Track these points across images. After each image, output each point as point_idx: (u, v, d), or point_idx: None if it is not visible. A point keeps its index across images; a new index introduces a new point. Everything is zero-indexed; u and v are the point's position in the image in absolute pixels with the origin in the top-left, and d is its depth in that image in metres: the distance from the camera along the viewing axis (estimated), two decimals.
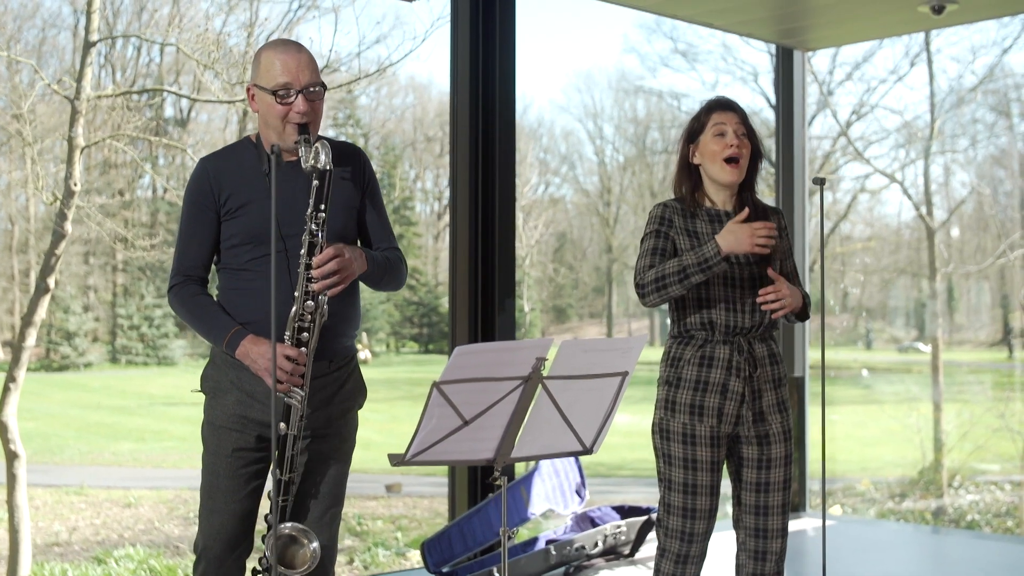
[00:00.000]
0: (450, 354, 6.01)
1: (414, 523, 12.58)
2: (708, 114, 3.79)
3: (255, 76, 3.38)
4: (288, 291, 3.28)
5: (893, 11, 6.96)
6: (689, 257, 3.58)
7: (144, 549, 10.66)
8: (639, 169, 30.09)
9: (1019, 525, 13.54)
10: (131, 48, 19.55)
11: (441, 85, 30.76)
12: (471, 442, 2.92)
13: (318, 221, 3.21)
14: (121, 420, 18.21)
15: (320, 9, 17.20)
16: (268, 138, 3.38)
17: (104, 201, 14.37)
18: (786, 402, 3.79)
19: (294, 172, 3.35)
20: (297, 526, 3.25)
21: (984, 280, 24.34)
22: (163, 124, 18.60)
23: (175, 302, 3.43)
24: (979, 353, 25.35)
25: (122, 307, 22.54)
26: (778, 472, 3.75)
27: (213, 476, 3.38)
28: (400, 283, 3.59)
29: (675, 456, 3.70)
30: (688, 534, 3.72)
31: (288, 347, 3.22)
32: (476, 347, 2.83)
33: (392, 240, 3.57)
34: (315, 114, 3.36)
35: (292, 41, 3.41)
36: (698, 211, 3.77)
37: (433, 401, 2.80)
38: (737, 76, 31.51)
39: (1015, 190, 22.53)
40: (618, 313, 30.71)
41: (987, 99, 21.69)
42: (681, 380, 3.70)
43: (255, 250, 3.34)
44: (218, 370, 3.40)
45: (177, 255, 3.43)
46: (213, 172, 3.39)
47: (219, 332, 3.32)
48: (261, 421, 3.33)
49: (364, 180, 3.52)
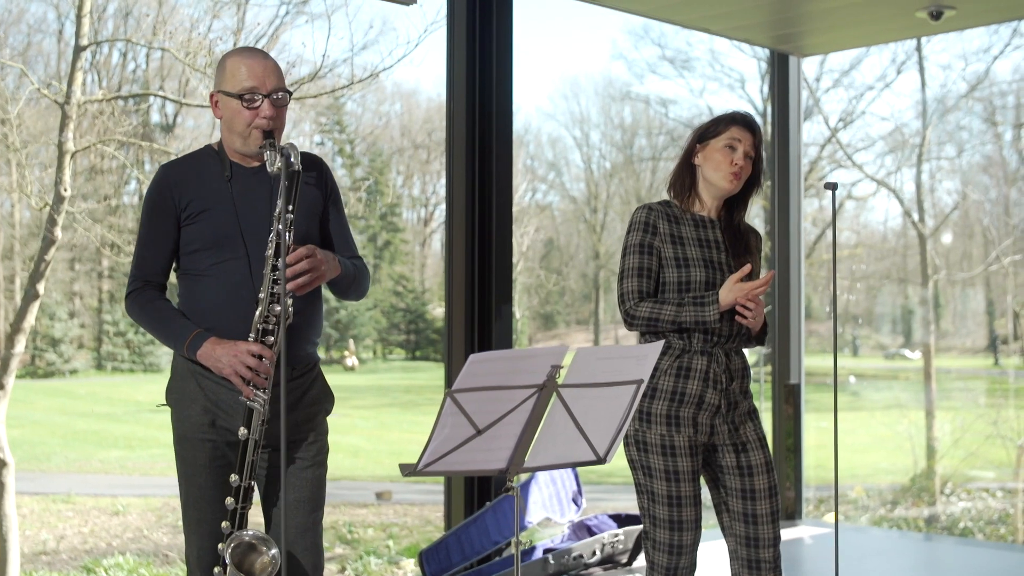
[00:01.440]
0: (446, 361, 5.99)
1: (405, 531, 12.53)
2: (728, 125, 3.79)
3: (219, 82, 3.35)
4: (251, 296, 3.25)
5: (891, 17, 6.95)
6: (688, 312, 3.60)
7: (133, 558, 10.59)
8: (626, 176, 30.08)
9: (1012, 532, 13.55)
10: (116, 54, 19.48)
11: (428, 91, 30.75)
12: (484, 452, 2.86)
13: (285, 222, 3.17)
14: (108, 427, 18.12)
15: (308, 15, 17.13)
16: (232, 144, 3.36)
17: (92, 207, 14.27)
18: (755, 410, 3.81)
19: (257, 179, 3.35)
20: (258, 534, 3.18)
21: (970, 287, 24.41)
22: (149, 130, 18.52)
23: (133, 308, 3.39)
24: (965, 360, 25.41)
25: (108, 313, 22.44)
26: (762, 479, 3.73)
27: (195, 488, 3.33)
28: (363, 293, 3.56)
29: (655, 468, 3.67)
30: (677, 546, 3.69)
31: (254, 344, 3.19)
32: (490, 355, 2.77)
33: (354, 249, 3.56)
34: (280, 121, 3.34)
35: (257, 48, 3.41)
36: (685, 215, 3.77)
37: (446, 410, 2.74)
38: (724, 83, 31.52)
39: (1000, 197, 22.60)
40: (605, 320, 30.68)
41: (975, 107, 21.76)
42: (657, 391, 3.68)
43: (217, 255, 3.31)
44: (181, 381, 3.35)
45: (135, 261, 3.40)
46: (174, 178, 3.36)
47: (179, 336, 3.28)
48: (230, 427, 3.29)
49: (327, 188, 3.50)
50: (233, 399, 3.26)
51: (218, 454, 3.31)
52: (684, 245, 3.71)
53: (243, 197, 3.32)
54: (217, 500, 3.29)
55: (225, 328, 3.26)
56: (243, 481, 3.21)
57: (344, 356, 26.68)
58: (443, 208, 28.30)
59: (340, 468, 16.11)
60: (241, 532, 3.17)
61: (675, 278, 3.68)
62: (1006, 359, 25.63)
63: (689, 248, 3.71)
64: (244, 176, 3.36)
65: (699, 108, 29.65)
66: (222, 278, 3.30)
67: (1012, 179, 22.38)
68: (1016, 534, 13.50)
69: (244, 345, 3.19)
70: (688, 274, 3.68)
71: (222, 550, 3.17)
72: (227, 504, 3.22)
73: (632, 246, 3.74)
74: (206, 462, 3.30)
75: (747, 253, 3.80)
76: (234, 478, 3.21)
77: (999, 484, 15.61)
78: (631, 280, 3.71)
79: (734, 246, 3.78)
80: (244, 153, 3.35)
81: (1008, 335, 26.39)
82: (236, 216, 3.30)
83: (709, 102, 29.20)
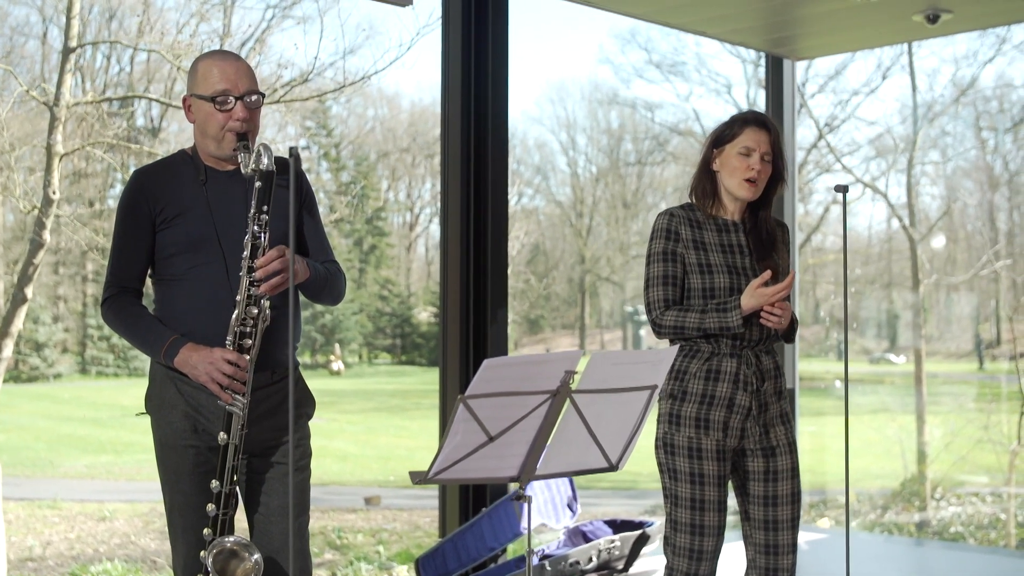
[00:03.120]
0: (441, 365, 5.93)
1: (395, 536, 12.46)
2: (741, 128, 3.73)
3: (191, 86, 3.33)
4: (228, 299, 3.22)
5: (887, 21, 6.93)
6: (711, 319, 3.56)
7: (121, 564, 10.50)
8: (612, 180, 30.07)
9: (1003, 537, 13.55)
10: (100, 56, 19.36)
11: (411, 95, 30.65)
12: (495, 459, 2.81)
13: (260, 223, 3.16)
14: (93, 432, 18.00)
15: (295, 18, 17.04)
16: (205, 148, 3.33)
17: (81, 211, 14.20)
18: (788, 414, 3.76)
19: (232, 181, 3.33)
20: (240, 540, 3.15)
21: (954, 292, 24.47)
22: (136, 133, 18.42)
23: (108, 315, 3.36)
24: (950, 364, 25.46)
25: (92, 317, 22.30)
26: (786, 485, 3.69)
27: (179, 494, 3.30)
28: (338, 297, 3.53)
29: (681, 471, 3.63)
30: (697, 552, 3.64)
31: (229, 352, 3.16)
32: (505, 360, 2.73)
33: (330, 253, 3.53)
34: (254, 123, 3.32)
35: (229, 51, 3.39)
36: (707, 219, 3.72)
37: (459, 416, 2.69)
38: (711, 88, 31.55)
39: (984, 202, 22.66)
40: (591, 324, 30.66)
41: (961, 112, 21.82)
42: (687, 394, 3.63)
43: (193, 259, 3.29)
44: (160, 388, 3.32)
45: (110, 267, 3.37)
46: (148, 183, 3.34)
47: (156, 342, 3.25)
48: (211, 432, 3.25)
49: (301, 192, 3.47)
50: (214, 403, 3.23)
51: (201, 460, 3.27)
52: (707, 251, 3.66)
53: (218, 200, 3.31)
54: (202, 506, 3.25)
55: (202, 332, 3.24)
56: (224, 487, 3.18)
57: (330, 360, 26.58)
58: (428, 212, 28.11)
59: (328, 473, 16.03)
60: (223, 539, 3.13)
61: (699, 284, 3.64)
62: (991, 363, 25.70)
63: (712, 254, 3.66)
64: (219, 180, 3.35)
65: (686, 112, 29.70)
66: (198, 282, 3.28)
67: (996, 184, 22.44)
68: (1008, 539, 13.51)
69: (220, 352, 3.16)
70: (712, 280, 3.63)
71: (204, 557, 3.13)
72: (208, 510, 3.19)
73: (655, 254, 3.70)
74: (189, 468, 3.28)
75: (772, 254, 3.74)
76: (215, 484, 3.18)
77: (992, 488, 15.62)
78: (656, 289, 3.67)
79: (758, 249, 3.73)
80: (218, 156, 3.33)
81: (992, 340, 26.47)
82: (212, 219, 3.29)
83: (696, 106, 29.22)
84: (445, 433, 2.72)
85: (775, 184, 3.76)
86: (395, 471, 16.61)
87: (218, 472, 3.18)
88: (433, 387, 24.96)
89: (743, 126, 3.73)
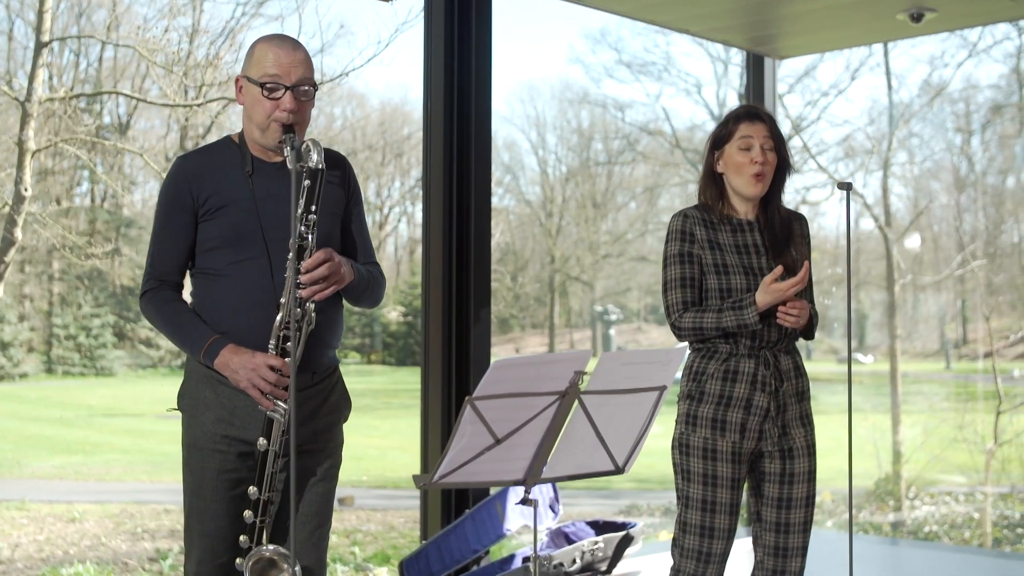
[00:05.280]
0: (423, 365, 5.86)
1: (369, 537, 12.38)
2: (736, 123, 3.68)
3: (245, 67, 3.18)
4: (269, 298, 3.09)
5: (871, 19, 6.90)
6: (728, 318, 3.50)
7: (93, 566, 10.37)
8: (582, 180, 30.05)
9: (977, 537, 13.60)
10: (68, 52, 19.16)
11: (382, 94, 30.54)
12: (501, 462, 2.74)
13: (308, 223, 3.02)
14: (60, 432, 17.79)
15: (264, 17, 16.91)
16: (251, 135, 3.19)
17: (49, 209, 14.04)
18: (810, 415, 3.69)
19: (279, 174, 3.17)
20: (279, 549, 3.04)
21: (921, 292, 24.61)
22: (102, 131, 18.23)
23: (148, 309, 3.21)
24: (916, 364, 25.63)
25: (58, 316, 22.06)
26: (801, 488, 3.64)
27: (199, 499, 3.17)
28: (378, 300, 3.41)
29: (694, 472, 3.57)
30: (705, 554, 3.57)
31: (272, 356, 3.04)
32: (514, 360, 2.65)
33: (372, 255, 3.41)
34: (302, 116, 3.17)
35: (289, 36, 3.22)
36: (721, 221, 3.67)
37: (465, 418, 2.62)
38: (681, 88, 31.64)
39: (953, 203, 22.79)
40: (560, 324, 30.64)
41: (928, 114, 21.93)
42: (704, 394, 3.57)
43: (235, 254, 3.14)
44: (195, 386, 3.19)
45: (150, 259, 3.22)
46: (192, 171, 3.18)
47: (196, 341, 3.12)
48: (243, 438, 3.13)
49: (349, 189, 3.34)
50: (250, 408, 3.11)
51: (228, 466, 3.15)
52: (723, 251, 3.61)
53: (264, 194, 3.16)
54: (221, 513, 3.15)
55: (243, 332, 3.11)
56: (262, 494, 3.06)
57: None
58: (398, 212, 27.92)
59: None
60: (261, 548, 3.03)
61: (716, 285, 3.59)
62: (957, 363, 25.89)
63: (728, 255, 3.60)
64: (265, 171, 3.20)
65: (656, 112, 29.75)
66: (240, 278, 3.14)
67: (962, 185, 22.59)
68: (984, 538, 13.56)
69: (262, 357, 3.04)
70: (728, 281, 3.58)
71: (240, 565, 3.04)
72: (246, 517, 3.07)
73: (672, 256, 3.64)
74: (214, 473, 3.15)
75: (789, 250, 3.68)
76: (253, 490, 3.06)
77: (964, 488, 15.69)
78: (674, 292, 3.61)
79: (774, 247, 3.67)
80: (264, 146, 3.18)
81: (959, 339, 26.67)
82: (257, 214, 3.14)
83: (666, 106, 29.27)
84: (451, 435, 2.64)
85: (781, 174, 3.71)
86: (367, 471, 16.51)
87: (256, 478, 3.07)
88: (403, 387, 24.91)
89: (737, 122, 3.68)
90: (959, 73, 25.39)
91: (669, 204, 28.98)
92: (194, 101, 10.25)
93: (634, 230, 29.61)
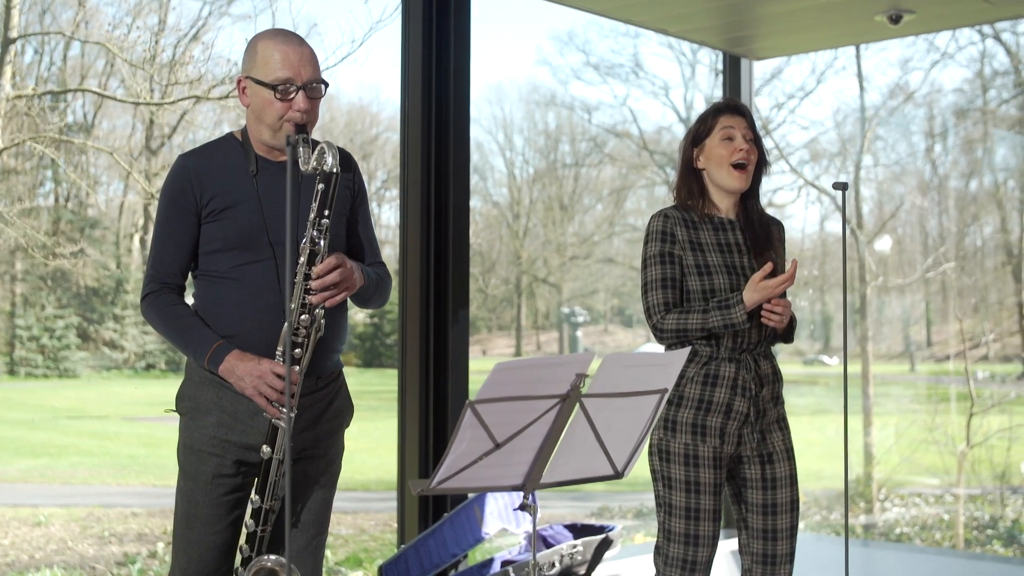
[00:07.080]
0: (400, 366, 5.80)
1: (340, 540, 12.26)
2: (716, 117, 3.63)
3: (249, 67, 3.07)
4: (275, 302, 3.01)
5: (850, 20, 6.89)
6: (715, 318, 3.43)
7: (60, 570, 10.22)
8: (549, 182, 30.06)
9: (948, 538, 13.66)
10: (30, 51, 18.96)
11: (350, 95, 30.39)
12: (500, 467, 2.68)
13: (320, 228, 2.94)
14: (24, 434, 17.56)
15: (232, 16, 16.78)
16: (259, 136, 3.09)
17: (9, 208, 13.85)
18: (785, 419, 3.65)
19: (283, 173, 3.08)
20: (280, 560, 2.96)
21: (886, 294, 24.74)
22: (67, 129, 18.05)
23: (150, 312, 3.11)
24: (881, 366, 25.77)
25: (21, 318, 21.82)
26: (784, 492, 3.59)
27: (191, 504, 3.09)
28: (386, 301, 3.34)
29: (676, 479, 3.51)
30: (691, 563, 3.52)
31: (278, 364, 2.95)
32: (516, 363, 2.58)
33: (378, 254, 3.33)
34: (313, 114, 3.08)
35: (293, 33, 3.12)
36: (701, 219, 3.61)
37: (466, 422, 2.55)
38: (648, 90, 31.70)
39: (914, 207, 22.93)
40: (527, 325, 30.63)
41: (892, 118, 22.06)
42: (683, 399, 3.51)
43: (239, 256, 3.06)
44: (196, 388, 3.10)
45: (151, 260, 3.12)
46: (195, 170, 3.09)
47: (200, 346, 3.03)
48: (243, 444, 3.05)
49: (355, 188, 3.27)
50: (252, 413, 3.04)
51: (223, 471, 3.07)
52: (704, 251, 3.54)
53: (269, 194, 3.07)
54: (211, 520, 3.07)
55: (248, 337, 3.03)
56: (265, 503, 2.98)
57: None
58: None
59: None
60: (262, 557, 2.96)
61: (698, 286, 3.51)
62: (921, 364, 26.06)
63: (710, 254, 3.54)
64: (270, 171, 3.11)
65: (623, 114, 29.77)
66: (245, 282, 3.06)
67: (926, 188, 22.73)
68: (956, 539, 13.62)
69: (268, 365, 2.96)
70: (711, 281, 3.51)
71: (241, 574, 2.96)
72: (247, 525, 3.00)
73: (652, 257, 3.56)
74: (207, 479, 3.07)
75: (769, 249, 3.64)
76: (255, 498, 2.99)
77: (935, 490, 15.75)
78: (655, 293, 3.53)
79: (756, 245, 3.62)
80: (271, 145, 3.09)
81: (923, 341, 26.85)
82: (262, 215, 3.05)
83: (633, 108, 29.28)
84: (451, 440, 2.58)
85: (759, 171, 3.66)
86: None
87: (259, 486, 3.00)
88: (370, 388, 24.75)
89: (717, 115, 3.63)
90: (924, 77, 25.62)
91: (636, 206, 29.06)
92: (164, 100, 10.12)
93: (601, 232, 29.63)
